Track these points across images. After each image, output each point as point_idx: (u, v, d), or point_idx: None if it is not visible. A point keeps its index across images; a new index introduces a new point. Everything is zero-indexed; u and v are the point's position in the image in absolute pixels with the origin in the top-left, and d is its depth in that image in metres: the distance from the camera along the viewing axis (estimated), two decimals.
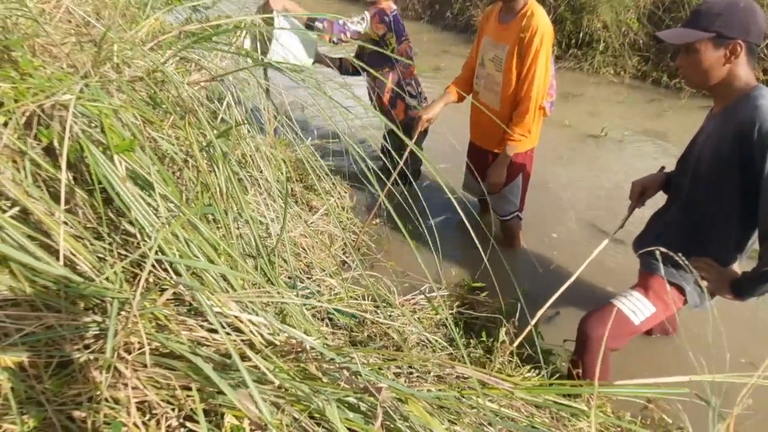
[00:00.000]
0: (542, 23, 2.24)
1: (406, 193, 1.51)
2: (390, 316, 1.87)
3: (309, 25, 2.85)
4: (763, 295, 1.51)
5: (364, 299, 1.92)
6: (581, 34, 6.18)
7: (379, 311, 1.76)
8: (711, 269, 1.62)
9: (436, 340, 1.78)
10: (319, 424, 0.82)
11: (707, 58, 1.48)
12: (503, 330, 1.99)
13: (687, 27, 1.51)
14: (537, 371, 1.89)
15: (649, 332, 2.20)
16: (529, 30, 2.23)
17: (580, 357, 1.76)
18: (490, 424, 0.96)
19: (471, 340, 2.06)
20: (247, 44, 2.85)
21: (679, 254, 1.30)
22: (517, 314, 2.05)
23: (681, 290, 1.72)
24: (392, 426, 0.86)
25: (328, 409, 0.69)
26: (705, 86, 1.57)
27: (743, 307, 2.00)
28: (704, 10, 1.48)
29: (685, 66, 1.56)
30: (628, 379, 1.16)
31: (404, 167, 1.40)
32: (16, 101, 1.00)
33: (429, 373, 1.20)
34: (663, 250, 1.27)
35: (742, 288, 1.54)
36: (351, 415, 0.78)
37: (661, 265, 1.66)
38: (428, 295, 2.05)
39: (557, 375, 1.96)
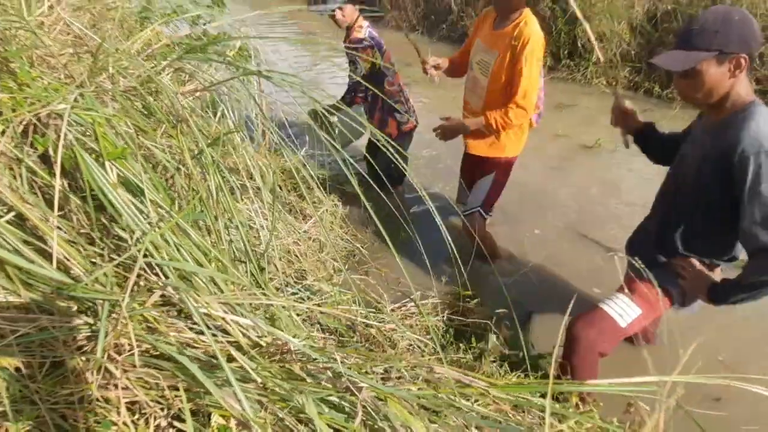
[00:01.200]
0: (534, 32, 2.27)
1: (393, 203, 1.55)
2: (382, 321, 1.89)
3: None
4: (735, 303, 1.54)
5: (354, 304, 1.95)
6: (576, 45, 6.26)
7: (368, 318, 1.78)
8: (691, 270, 1.65)
9: (425, 345, 1.81)
10: (303, 423, 0.85)
11: (711, 76, 1.42)
12: (492, 336, 2.02)
13: (683, 48, 1.44)
14: (526, 376, 1.92)
15: (631, 341, 2.21)
16: (521, 38, 2.26)
17: (568, 359, 1.77)
18: (470, 426, 0.99)
19: (461, 345, 2.08)
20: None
21: (660, 256, 1.32)
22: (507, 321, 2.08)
23: (667, 293, 1.75)
24: (374, 426, 0.89)
25: (307, 406, 0.72)
26: (708, 103, 1.51)
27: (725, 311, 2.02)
28: (699, 29, 1.41)
29: (686, 88, 1.49)
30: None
31: (386, 177, 1.44)
32: (13, 110, 1.04)
33: (417, 378, 1.23)
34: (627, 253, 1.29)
35: (718, 294, 1.57)
36: (332, 412, 0.81)
37: (645, 268, 1.68)
38: (418, 303, 2.08)
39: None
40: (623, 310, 1.73)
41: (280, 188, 2.65)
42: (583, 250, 3.11)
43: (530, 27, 2.28)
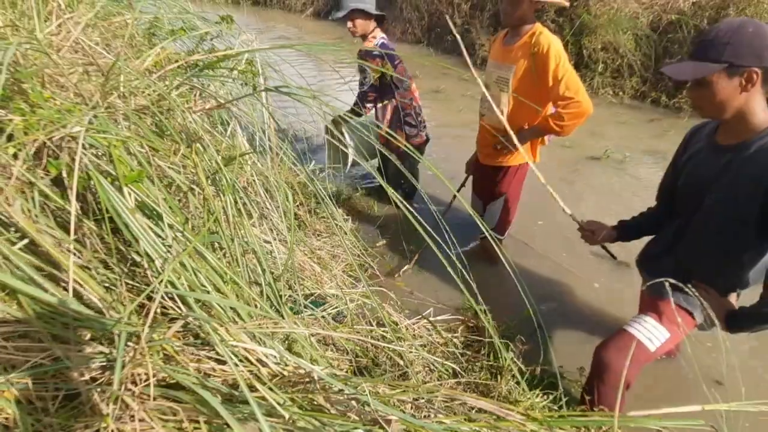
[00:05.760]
0: (554, 39, 2.30)
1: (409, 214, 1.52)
2: (399, 338, 1.85)
3: (357, 113, 3.18)
4: (754, 332, 1.50)
5: (370, 324, 1.91)
6: (582, 56, 6.26)
7: (385, 337, 1.74)
8: (709, 296, 1.59)
9: (442, 365, 1.77)
10: None
11: (721, 89, 1.37)
12: (510, 354, 1.97)
13: (695, 59, 1.40)
14: (546, 396, 1.86)
15: None
16: (539, 45, 2.27)
17: (597, 387, 1.67)
18: None
19: (479, 364, 2.04)
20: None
21: (689, 285, 1.27)
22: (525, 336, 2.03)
23: (690, 314, 1.69)
24: None
25: None
26: (721, 117, 1.46)
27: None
28: (710, 40, 1.36)
29: (697, 99, 1.45)
30: (640, 404, 1.13)
31: (399, 189, 1.41)
32: (26, 133, 1.02)
33: (435, 400, 1.18)
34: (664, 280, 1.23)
35: (736, 321, 1.51)
36: None
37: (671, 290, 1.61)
38: (432, 320, 2.04)
39: (566, 399, 1.92)
40: (652, 334, 1.65)
41: (293, 203, 2.63)
42: (592, 260, 3.07)
43: (547, 35, 2.30)
